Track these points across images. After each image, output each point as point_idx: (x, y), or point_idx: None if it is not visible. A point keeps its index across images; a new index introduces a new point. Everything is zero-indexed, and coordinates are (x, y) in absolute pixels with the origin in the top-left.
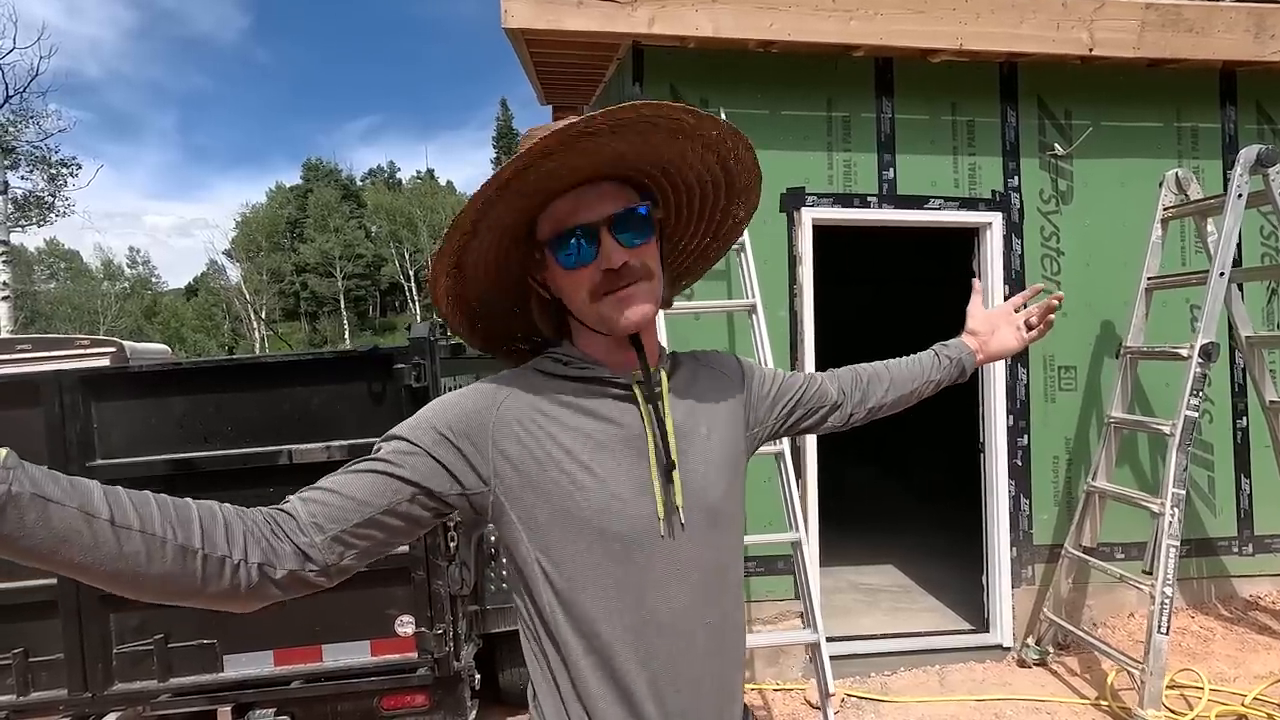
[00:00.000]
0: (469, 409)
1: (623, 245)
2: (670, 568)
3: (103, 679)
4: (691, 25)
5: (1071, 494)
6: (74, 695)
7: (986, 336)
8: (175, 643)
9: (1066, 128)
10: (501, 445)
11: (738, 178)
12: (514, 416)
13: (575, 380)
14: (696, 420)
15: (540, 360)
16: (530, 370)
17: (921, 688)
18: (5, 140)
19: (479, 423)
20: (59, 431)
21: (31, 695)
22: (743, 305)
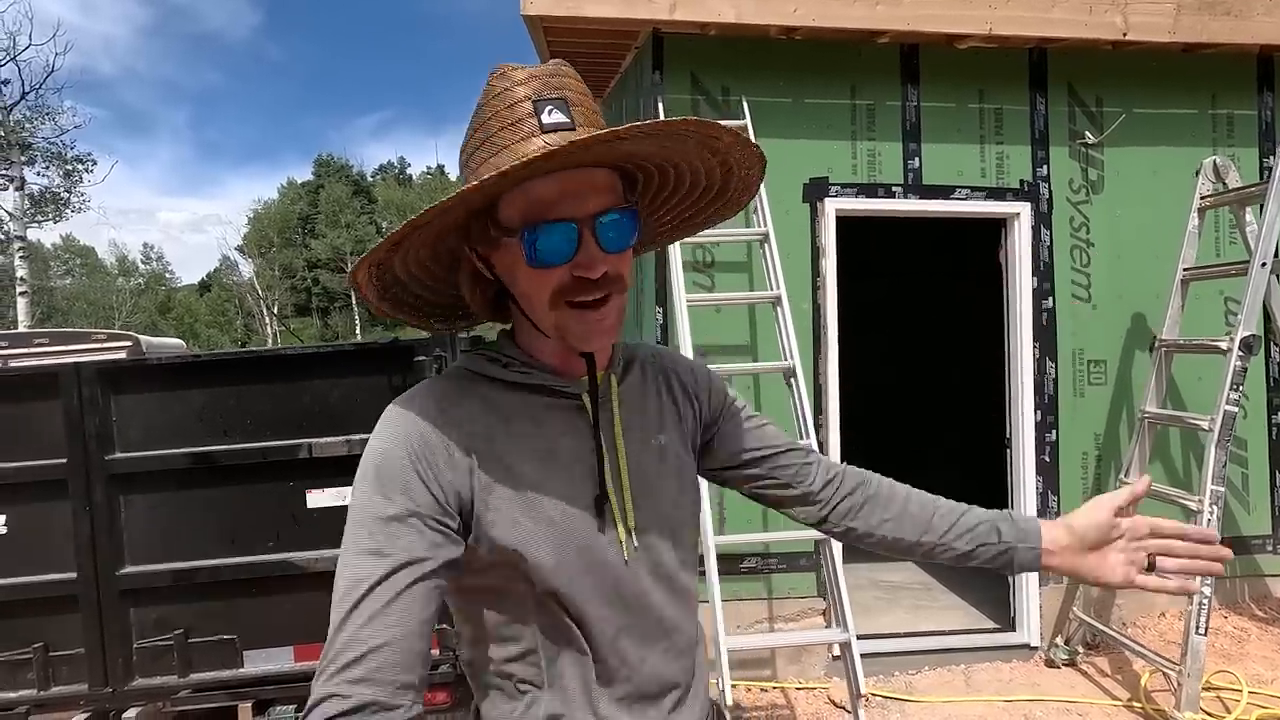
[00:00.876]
0: (435, 435)
1: (605, 251)
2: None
3: (123, 674)
4: (714, 11)
5: (1101, 490)
6: (94, 690)
7: (1078, 547)
8: (195, 638)
9: (1097, 115)
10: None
11: (733, 190)
12: (463, 438)
13: (517, 387)
14: (649, 429)
15: (473, 359)
16: (462, 373)
17: (947, 687)
18: (22, 136)
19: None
20: (78, 424)
21: (52, 690)
22: (767, 297)
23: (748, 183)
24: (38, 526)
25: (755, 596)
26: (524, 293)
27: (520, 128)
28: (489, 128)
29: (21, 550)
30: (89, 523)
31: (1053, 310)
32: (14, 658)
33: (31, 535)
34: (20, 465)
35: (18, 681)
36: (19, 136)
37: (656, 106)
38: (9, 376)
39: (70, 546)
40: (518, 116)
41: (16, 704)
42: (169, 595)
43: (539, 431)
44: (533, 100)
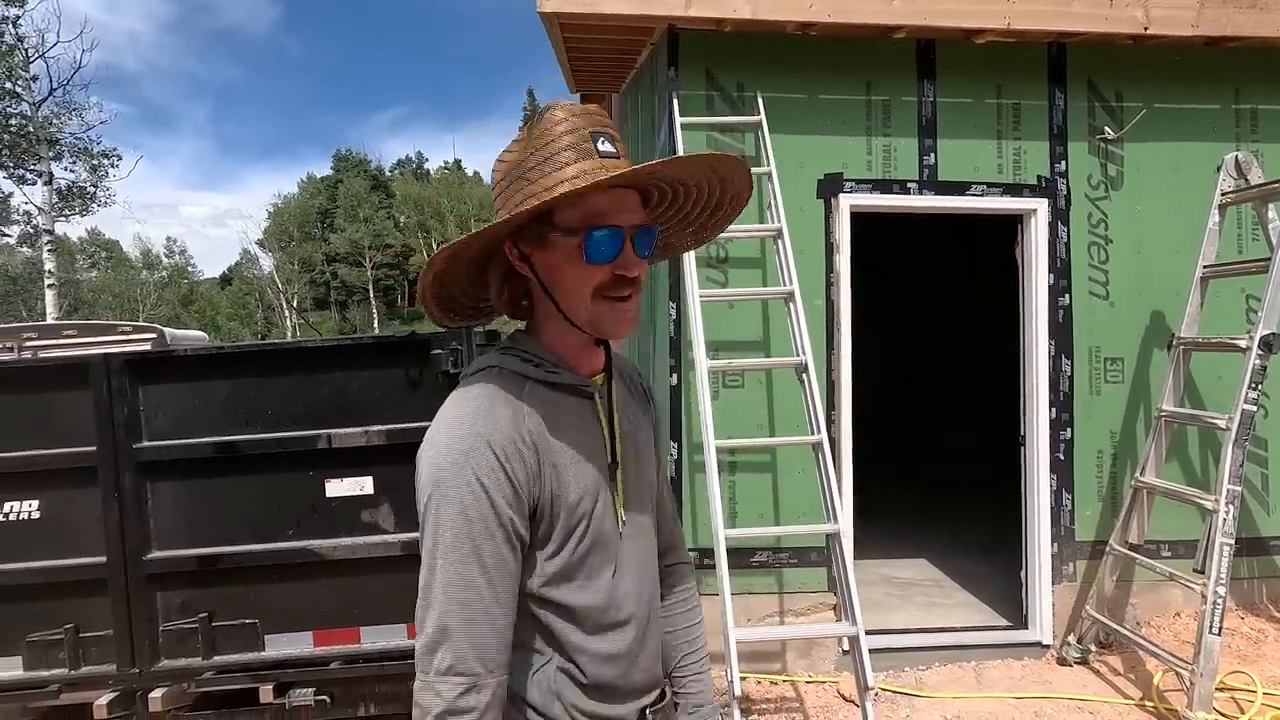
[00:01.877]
0: (511, 427)
1: (638, 255)
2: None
3: (149, 655)
4: (729, 7)
5: (1116, 489)
6: (122, 670)
7: None
8: (219, 622)
9: (1117, 110)
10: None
11: (725, 207)
12: (534, 433)
13: (545, 384)
14: (636, 425)
15: (505, 358)
16: (508, 374)
17: (957, 683)
18: (50, 132)
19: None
20: (107, 413)
21: (82, 669)
22: (779, 293)
23: (737, 203)
24: (69, 512)
25: (767, 591)
26: (569, 287)
27: (580, 149)
28: (550, 149)
29: (53, 535)
30: (118, 509)
31: (1069, 307)
32: (47, 638)
33: (63, 521)
34: (52, 453)
35: (50, 660)
36: (47, 132)
37: (671, 103)
38: (41, 367)
39: (100, 532)
40: (578, 142)
41: (49, 682)
42: (193, 580)
43: (570, 425)
44: (590, 131)
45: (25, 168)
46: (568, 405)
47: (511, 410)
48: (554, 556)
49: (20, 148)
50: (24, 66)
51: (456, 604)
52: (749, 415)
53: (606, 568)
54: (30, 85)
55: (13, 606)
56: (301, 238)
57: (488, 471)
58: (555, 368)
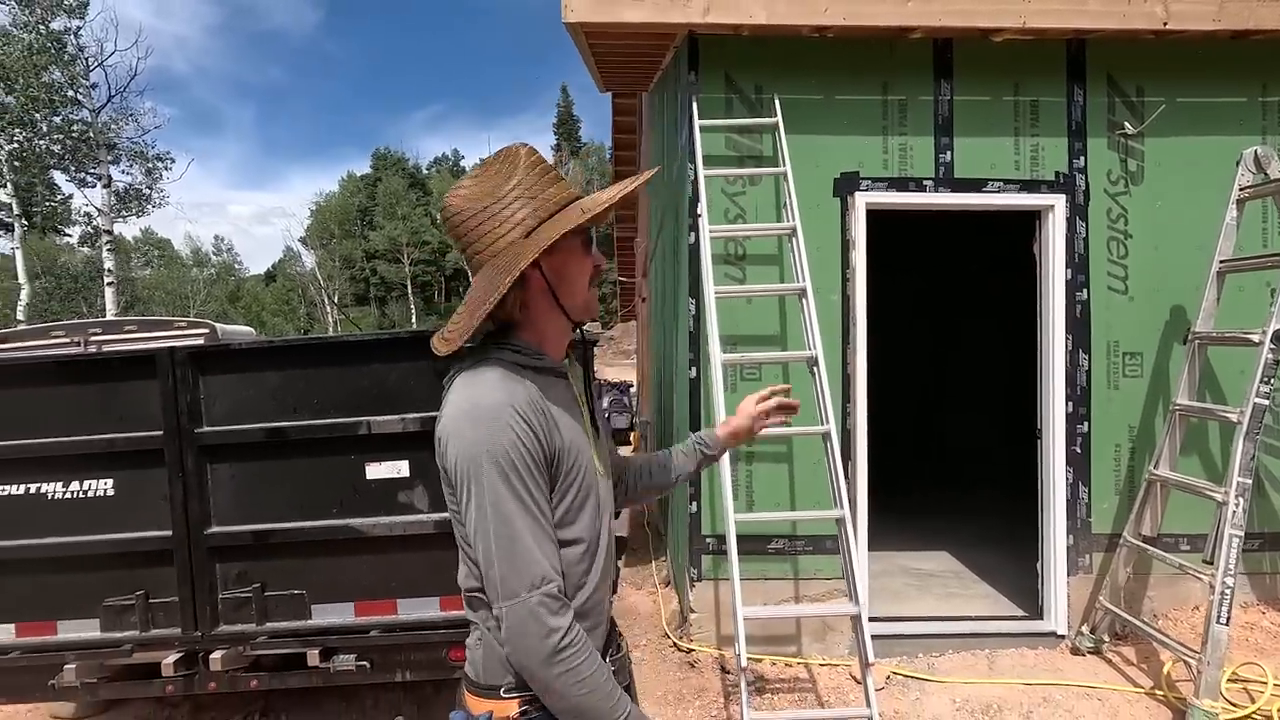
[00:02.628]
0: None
1: None
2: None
3: (210, 620)
4: (745, 13)
5: (1134, 483)
6: (186, 633)
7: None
8: (271, 592)
9: (1138, 105)
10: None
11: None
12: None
13: (537, 371)
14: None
15: (502, 352)
16: (508, 363)
17: (969, 669)
18: (108, 137)
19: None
20: (172, 401)
21: (151, 632)
22: (793, 289)
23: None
24: (139, 490)
25: (783, 576)
26: (573, 280)
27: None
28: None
29: (125, 510)
30: (182, 487)
31: (1087, 302)
32: (120, 603)
33: (133, 497)
34: (124, 436)
35: (123, 623)
36: (106, 137)
37: (691, 105)
38: (114, 359)
39: (166, 508)
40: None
41: (123, 642)
42: (248, 553)
43: (558, 399)
44: (554, 164)
45: (86, 171)
46: (552, 384)
47: (522, 385)
48: (560, 502)
49: (81, 152)
50: (84, 75)
51: (530, 535)
52: None
53: (595, 508)
54: (90, 93)
55: (91, 574)
56: (342, 235)
57: (519, 424)
58: (539, 355)
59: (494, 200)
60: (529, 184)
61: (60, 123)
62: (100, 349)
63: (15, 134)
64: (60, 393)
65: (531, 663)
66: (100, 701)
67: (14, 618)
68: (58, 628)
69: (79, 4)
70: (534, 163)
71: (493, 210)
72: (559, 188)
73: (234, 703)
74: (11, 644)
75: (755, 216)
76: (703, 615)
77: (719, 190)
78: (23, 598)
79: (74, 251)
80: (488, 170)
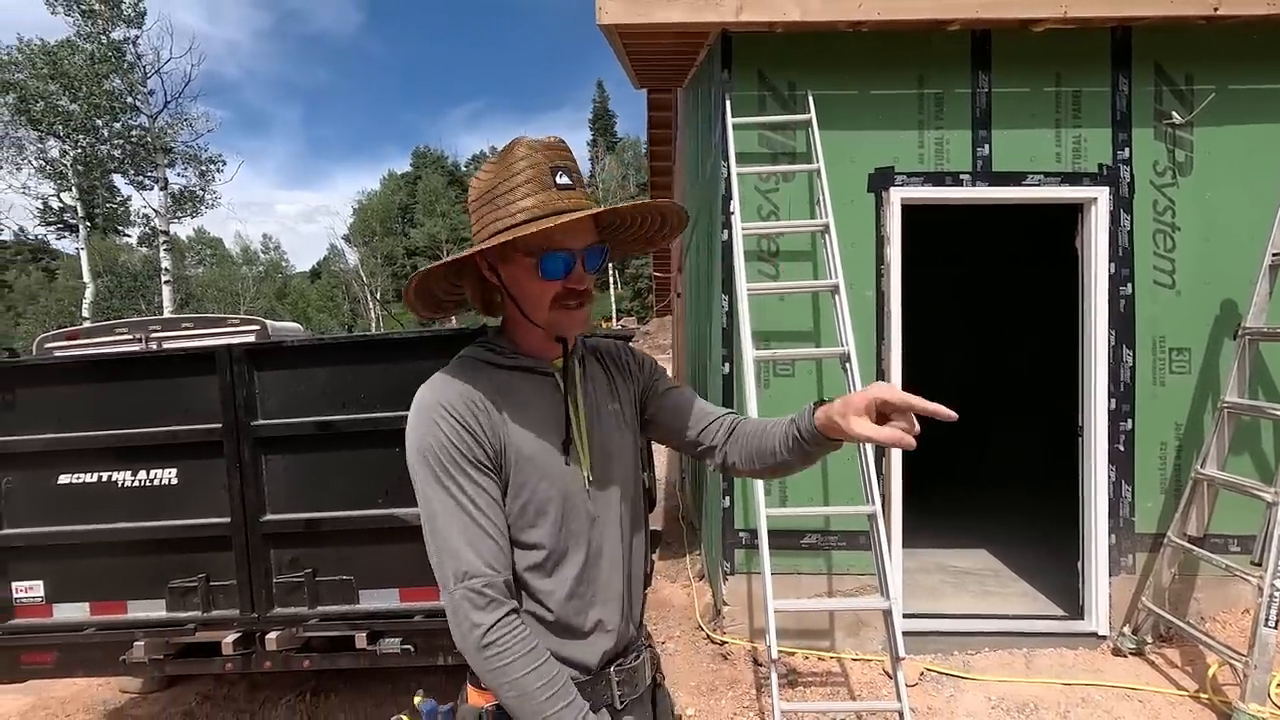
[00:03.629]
0: (462, 392)
1: (586, 272)
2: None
3: (266, 603)
4: (779, 11)
5: (1181, 481)
6: (244, 615)
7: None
8: (321, 577)
9: (1187, 94)
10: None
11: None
12: (486, 399)
13: (509, 369)
14: (604, 400)
15: (475, 349)
16: (470, 360)
17: (1006, 668)
18: (164, 141)
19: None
20: (230, 395)
21: (212, 612)
22: (825, 286)
23: (675, 230)
24: (200, 479)
25: (815, 572)
26: (529, 296)
27: (540, 182)
28: (514, 180)
29: (187, 498)
30: (239, 477)
31: (1131, 297)
32: (184, 584)
33: (195, 486)
34: (187, 428)
35: (187, 604)
36: (162, 142)
37: (724, 103)
38: (177, 356)
39: (224, 496)
40: (538, 175)
41: (186, 622)
42: (301, 540)
43: (524, 399)
44: (550, 166)
45: (144, 175)
46: (525, 383)
47: (464, 382)
48: (513, 501)
49: (139, 156)
50: (143, 82)
51: (456, 529)
52: (799, 403)
53: (558, 518)
54: (148, 99)
55: (157, 557)
56: (384, 233)
57: (446, 421)
58: (512, 355)
59: (485, 194)
60: (508, 187)
61: (120, 128)
62: (160, 345)
63: (79, 140)
64: (129, 388)
65: (466, 653)
66: (164, 677)
67: (88, 596)
68: (128, 607)
69: (137, 14)
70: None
71: (479, 204)
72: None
73: (286, 681)
74: (86, 621)
75: (789, 213)
76: (736, 609)
77: (752, 187)
78: (96, 578)
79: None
80: (493, 163)
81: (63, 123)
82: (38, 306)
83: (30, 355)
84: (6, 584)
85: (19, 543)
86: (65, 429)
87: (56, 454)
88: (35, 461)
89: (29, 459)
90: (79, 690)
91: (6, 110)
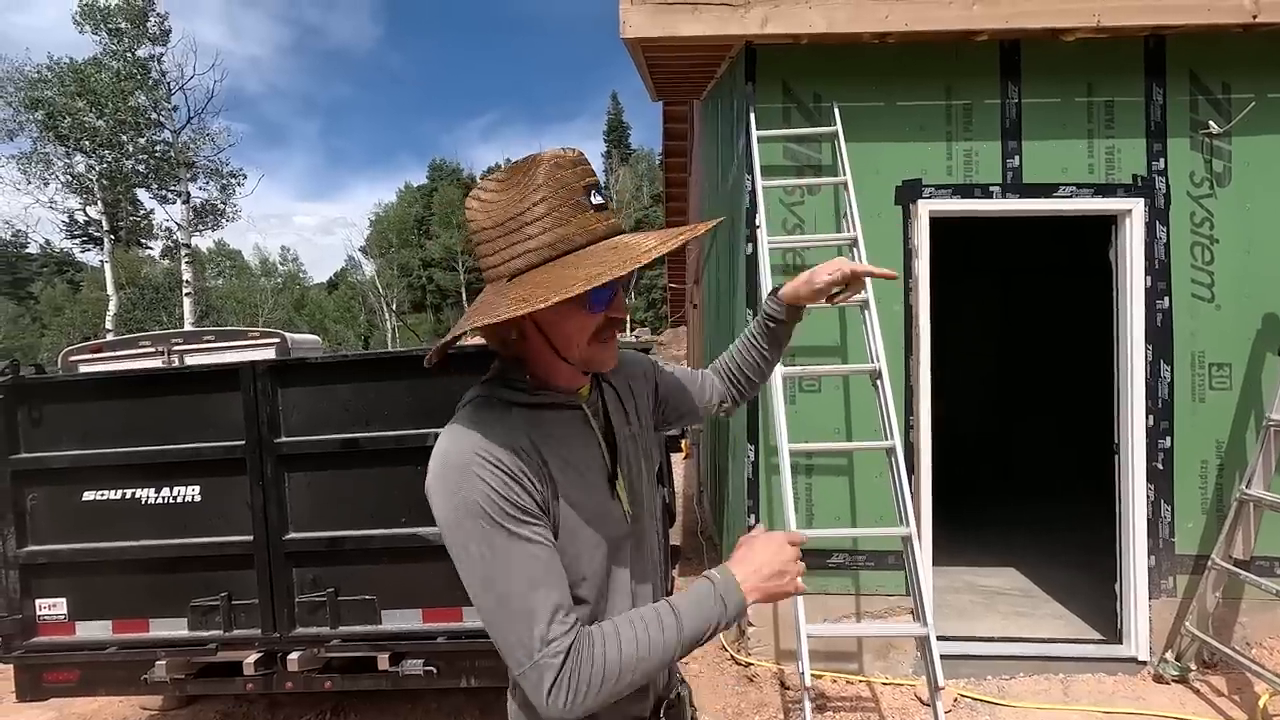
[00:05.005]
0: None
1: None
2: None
3: (288, 622)
4: (805, 23)
5: (1223, 501)
6: (265, 634)
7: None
8: (343, 597)
9: (1224, 103)
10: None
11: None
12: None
13: (530, 406)
14: (625, 425)
15: (492, 389)
16: (492, 400)
17: (1042, 695)
18: (187, 156)
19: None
20: (254, 412)
21: (234, 632)
22: (855, 300)
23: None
24: (222, 497)
25: (843, 592)
26: (568, 335)
27: (577, 204)
28: (551, 202)
29: (210, 516)
30: (262, 495)
31: (1169, 311)
32: (206, 603)
33: (218, 504)
34: (210, 445)
35: (209, 623)
36: (185, 156)
37: (748, 116)
38: (201, 372)
39: (247, 514)
40: (572, 196)
41: (208, 641)
42: (323, 559)
43: (559, 437)
44: (584, 185)
45: (167, 189)
46: (556, 419)
47: (504, 426)
48: (562, 553)
49: (163, 171)
50: (167, 98)
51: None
52: (826, 419)
53: (611, 559)
54: (172, 115)
55: (180, 575)
56: (400, 244)
57: (490, 471)
58: (538, 390)
59: (504, 219)
60: (543, 210)
61: (144, 143)
62: (181, 358)
63: (105, 155)
64: (152, 404)
65: (592, 699)
66: (184, 696)
67: (110, 615)
68: (150, 625)
69: (162, 32)
70: (557, 182)
71: (498, 233)
72: (581, 221)
73: (307, 702)
74: (109, 639)
75: (814, 226)
76: (761, 629)
77: (777, 200)
78: (118, 596)
79: (155, 264)
80: (505, 182)
81: (89, 138)
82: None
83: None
84: (30, 601)
85: (43, 559)
86: (89, 445)
87: (80, 470)
88: (59, 478)
89: (53, 475)
90: (100, 707)
91: (35, 126)
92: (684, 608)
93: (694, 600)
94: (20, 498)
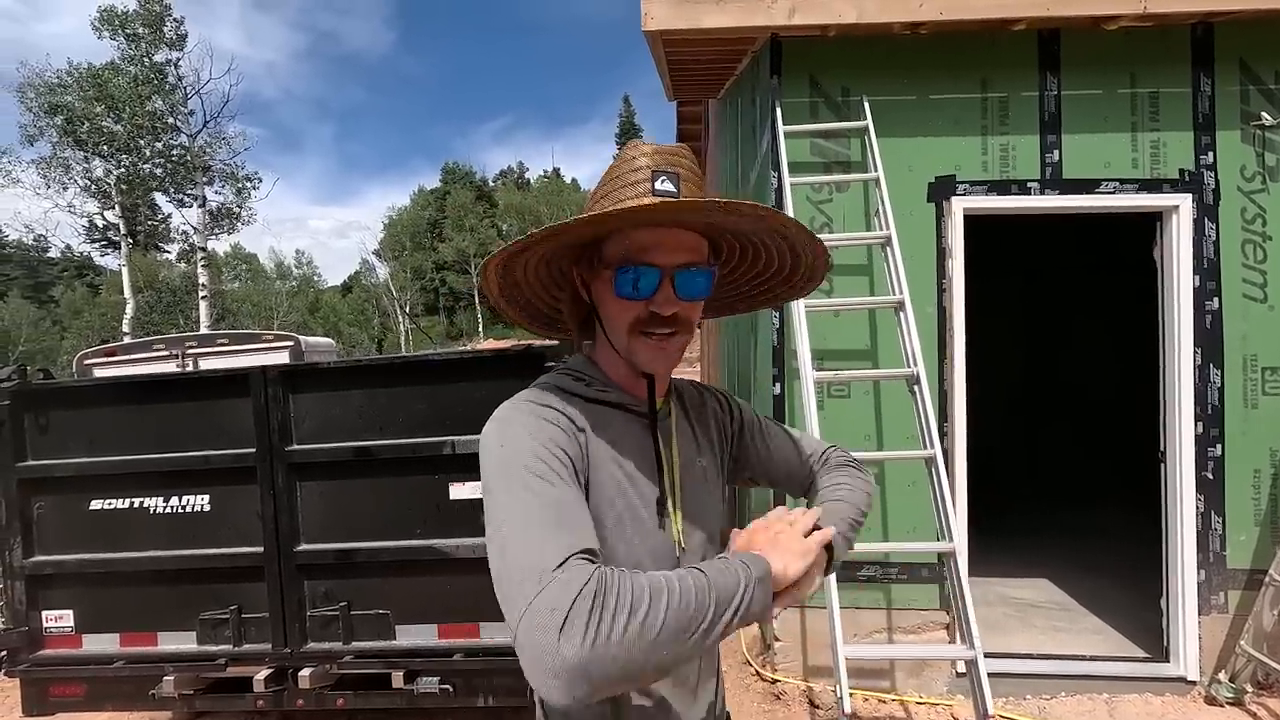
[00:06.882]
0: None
1: (678, 296)
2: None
3: (299, 637)
4: (834, 13)
5: (1278, 513)
6: (276, 649)
7: None
8: (356, 611)
9: (1277, 93)
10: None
11: (799, 275)
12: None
13: (595, 402)
14: (692, 452)
15: (559, 378)
16: (553, 387)
17: (1087, 716)
18: (203, 160)
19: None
20: (264, 419)
21: (244, 646)
22: (889, 302)
23: (814, 271)
24: (232, 506)
25: (874, 606)
26: (610, 318)
27: (636, 188)
28: (613, 184)
29: (219, 526)
30: (273, 504)
31: (1218, 312)
32: (215, 616)
33: (228, 513)
34: (220, 453)
35: (218, 637)
36: (201, 160)
37: (774, 110)
38: (211, 377)
39: (257, 524)
40: (636, 179)
41: (218, 656)
42: (335, 571)
43: (614, 439)
44: (651, 170)
45: (184, 192)
46: (615, 419)
47: (558, 402)
48: None
49: (179, 175)
50: (183, 103)
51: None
52: (856, 426)
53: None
54: (188, 119)
55: (189, 587)
56: (413, 247)
57: (540, 432)
58: (605, 386)
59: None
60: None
61: (161, 148)
62: (195, 362)
63: (122, 159)
64: (161, 410)
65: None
66: (193, 713)
67: (118, 627)
68: (158, 639)
69: (179, 37)
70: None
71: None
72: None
73: (318, 718)
74: (116, 654)
75: (843, 225)
76: (788, 644)
77: (804, 198)
78: (126, 608)
79: (172, 267)
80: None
81: (107, 143)
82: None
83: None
84: (37, 613)
85: (49, 570)
86: (97, 453)
87: (88, 478)
88: (67, 486)
89: (61, 483)
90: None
91: (55, 131)
92: (704, 566)
93: (710, 565)
94: (27, 506)
